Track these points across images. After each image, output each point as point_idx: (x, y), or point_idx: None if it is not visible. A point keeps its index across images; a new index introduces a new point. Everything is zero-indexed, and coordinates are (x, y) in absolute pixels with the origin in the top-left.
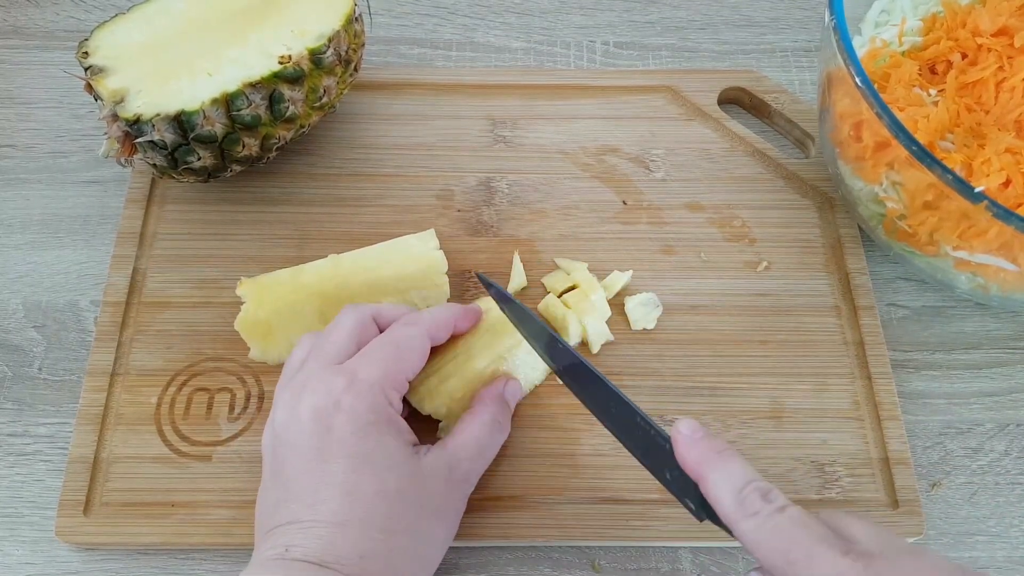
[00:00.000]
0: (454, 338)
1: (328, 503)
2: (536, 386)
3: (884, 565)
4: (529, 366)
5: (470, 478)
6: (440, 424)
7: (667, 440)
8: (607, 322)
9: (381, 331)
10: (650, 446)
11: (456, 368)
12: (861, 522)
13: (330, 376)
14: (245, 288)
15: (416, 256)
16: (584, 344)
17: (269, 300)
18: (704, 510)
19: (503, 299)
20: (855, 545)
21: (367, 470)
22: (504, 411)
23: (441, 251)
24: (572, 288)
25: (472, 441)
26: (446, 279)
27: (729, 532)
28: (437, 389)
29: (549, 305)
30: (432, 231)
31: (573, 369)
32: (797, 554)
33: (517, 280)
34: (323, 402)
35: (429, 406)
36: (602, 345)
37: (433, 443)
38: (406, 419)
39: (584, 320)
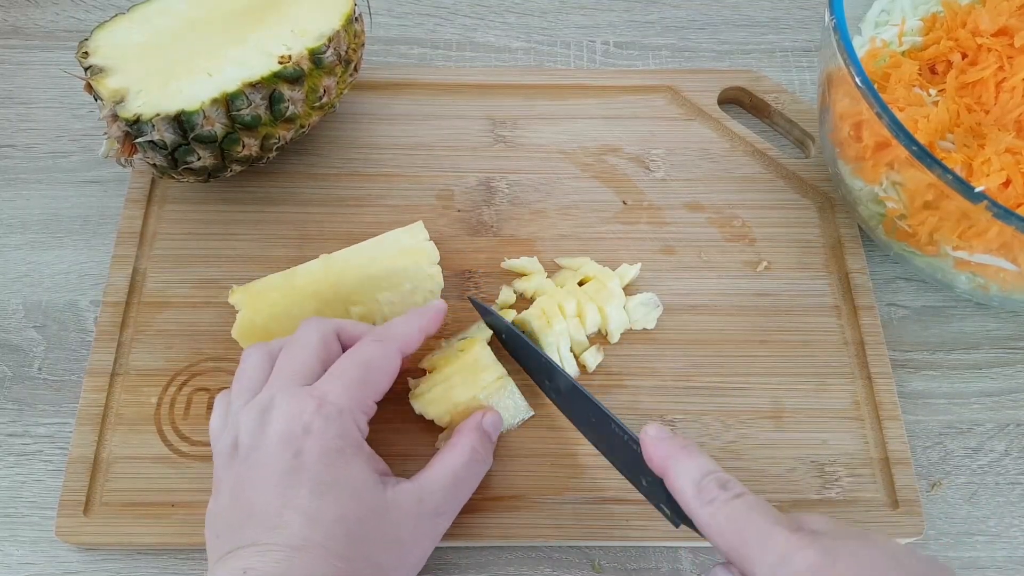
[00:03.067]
0: (464, 349)
1: (289, 527)
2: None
3: (831, 541)
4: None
5: (444, 511)
6: (440, 435)
7: (638, 444)
8: None
9: (344, 348)
10: (627, 453)
11: (463, 380)
12: (818, 515)
13: (299, 399)
14: (238, 296)
15: (407, 249)
16: (601, 334)
17: (264, 306)
18: (677, 514)
19: (490, 317)
20: (807, 525)
21: (330, 496)
22: (485, 443)
23: (431, 242)
24: (584, 282)
25: (447, 473)
26: (439, 269)
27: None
28: (443, 396)
29: (545, 307)
30: (420, 223)
31: (559, 386)
32: (751, 534)
33: (538, 277)
34: (292, 426)
35: (433, 411)
36: (603, 345)
37: (430, 455)
38: (408, 426)
39: (607, 309)
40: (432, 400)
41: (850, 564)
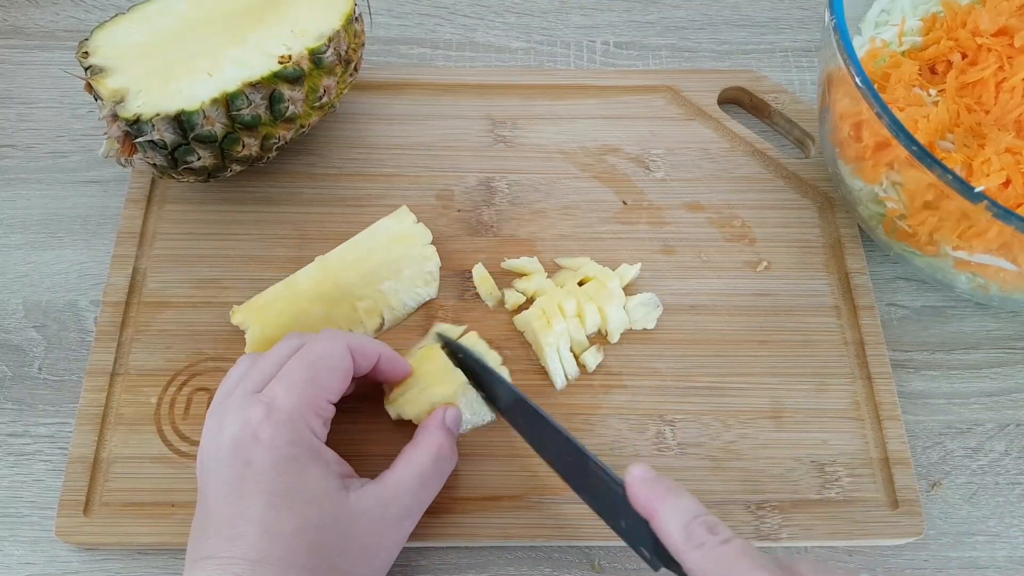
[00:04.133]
0: (432, 351)
1: (246, 539)
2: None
3: None
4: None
5: (410, 513)
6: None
7: (620, 485)
8: None
9: None
10: (604, 493)
11: (437, 378)
12: (810, 561)
13: (249, 406)
14: (241, 316)
15: (398, 235)
16: (601, 334)
17: (272, 319)
18: (659, 557)
19: (459, 352)
20: (796, 570)
21: (286, 507)
22: (450, 439)
23: (420, 224)
24: (584, 282)
25: (413, 474)
26: (433, 249)
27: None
28: (418, 397)
29: (543, 308)
30: (404, 207)
31: (526, 415)
32: None
33: (538, 277)
34: (242, 434)
35: (412, 411)
36: (603, 345)
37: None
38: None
39: (607, 309)
40: (409, 401)
41: None
